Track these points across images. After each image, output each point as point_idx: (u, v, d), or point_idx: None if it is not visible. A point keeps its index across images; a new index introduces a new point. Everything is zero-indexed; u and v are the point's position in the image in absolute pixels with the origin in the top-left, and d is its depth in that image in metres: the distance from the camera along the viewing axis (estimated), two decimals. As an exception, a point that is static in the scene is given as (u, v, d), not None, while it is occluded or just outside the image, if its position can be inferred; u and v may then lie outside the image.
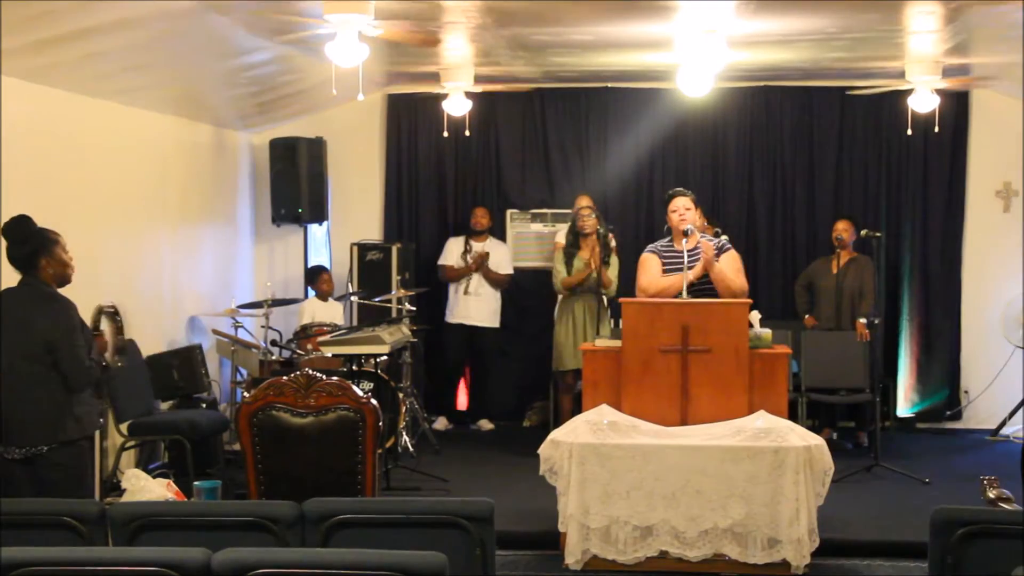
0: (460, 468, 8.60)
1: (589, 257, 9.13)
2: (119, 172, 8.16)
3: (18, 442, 5.37)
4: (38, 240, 5.43)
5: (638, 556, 6.29)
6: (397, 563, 3.53)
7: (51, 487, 5.31)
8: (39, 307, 5.39)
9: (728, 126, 10.48)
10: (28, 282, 5.44)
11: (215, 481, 6.50)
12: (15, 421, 5.37)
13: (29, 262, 5.42)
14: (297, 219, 10.06)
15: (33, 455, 5.37)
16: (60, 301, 5.44)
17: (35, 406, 5.37)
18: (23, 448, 5.37)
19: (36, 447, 5.36)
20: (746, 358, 6.72)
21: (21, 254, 5.42)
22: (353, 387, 5.41)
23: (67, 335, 5.38)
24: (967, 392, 10.42)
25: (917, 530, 5.65)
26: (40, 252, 5.42)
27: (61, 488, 5.30)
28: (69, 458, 5.44)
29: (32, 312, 5.38)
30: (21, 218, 5.45)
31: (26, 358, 5.36)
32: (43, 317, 5.38)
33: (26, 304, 5.39)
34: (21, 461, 5.38)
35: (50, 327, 5.36)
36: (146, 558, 3.65)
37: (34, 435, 5.37)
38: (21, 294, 5.43)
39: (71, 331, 5.41)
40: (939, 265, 10.38)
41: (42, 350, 5.35)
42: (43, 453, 5.37)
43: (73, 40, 6.53)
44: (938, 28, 7.65)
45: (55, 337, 5.35)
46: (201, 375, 8.68)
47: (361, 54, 6.36)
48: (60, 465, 5.39)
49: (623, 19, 7.38)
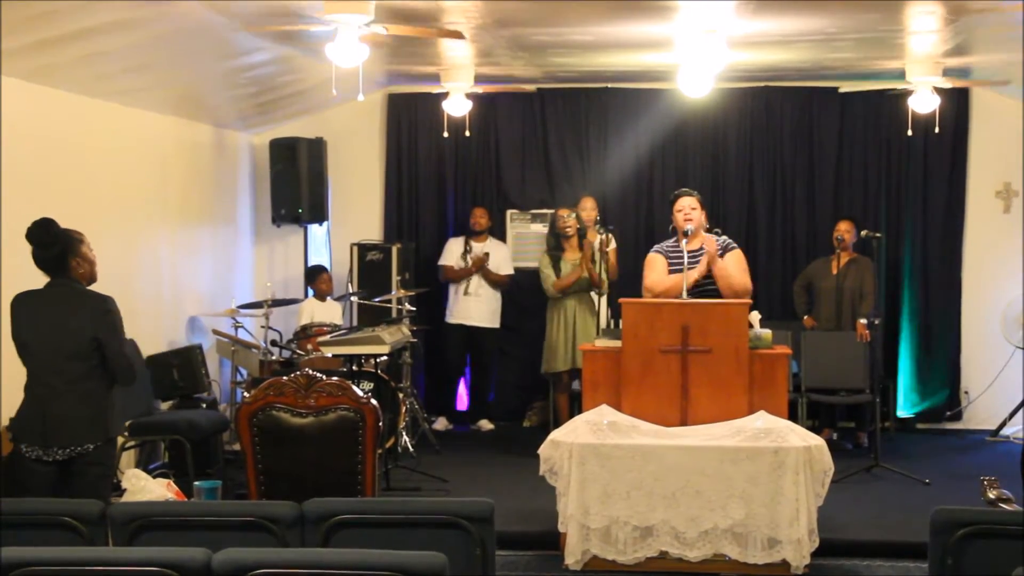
0: (460, 468, 8.59)
1: (577, 258, 9.17)
2: (119, 172, 8.17)
3: (66, 442, 5.33)
4: (65, 241, 5.41)
5: (638, 556, 6.29)
6: (397, 563, 3.53)
7: (88, 486, 5.26)
8: (82, 306, 5.39)
9: (728, 126, 10.48)
10: (61, 283, 5.42)
11: (215, 481, 6.50)
12: (63, 422, 5.34)
13: (59, 264, 5.40)
14: (297, 219, 10.07)
15: (79, 455, 5.35)
16: (102, 298, 5.45)
17: (85, 405, 5.36)
18: (68, 448, 5.33)
19: (83, 446, 5.34)
20: (746, 358, 6.72)
21: (50, 256, 5.39)
22: (353, 387, 5.41)
23: (114, 331, 5.41)
24: (967, 393, 10.42)
25: (917, 531, 5.64)
26: (68, 253, 5.41)
27: (98, 485, 5.31)
28: (107, 456, 5.48)
29: (75, 311, 5.37)
30: (45, 221, 5.42)
31: (72, 358, 5.35)
32: (87, 315, 5.37)
33: (66, 304, 5.39)
34: (58, 463, 5.35)
35: (97, 324, 5.36)
36: (146, 558, 3.65)
37: (85, 434, 5.34)
38: (57, 295, 5.41)
39: (117, 327, 5.44)
40: (939, 266, 10.38)
41: (89, 348, 5.35)
42: (89, 451, 5.35)
43: (73, 40, 6.53)
44: (938, 28, 7.66)
45: (103, 334, 5.36)
46: (201, 375, 8.68)
47: (361, 54, 6.35)
48: (100, 464, 5.40)
49: (623, 19, 7.38)
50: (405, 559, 3.55)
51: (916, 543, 6.14)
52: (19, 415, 5.48)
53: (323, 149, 10.22)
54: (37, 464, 5.35)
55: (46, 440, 5.33)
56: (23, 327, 5.42)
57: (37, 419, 5.36)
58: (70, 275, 5.43)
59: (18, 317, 5.45)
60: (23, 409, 5.46)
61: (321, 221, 10.34)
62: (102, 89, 7.67)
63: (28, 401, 5.45)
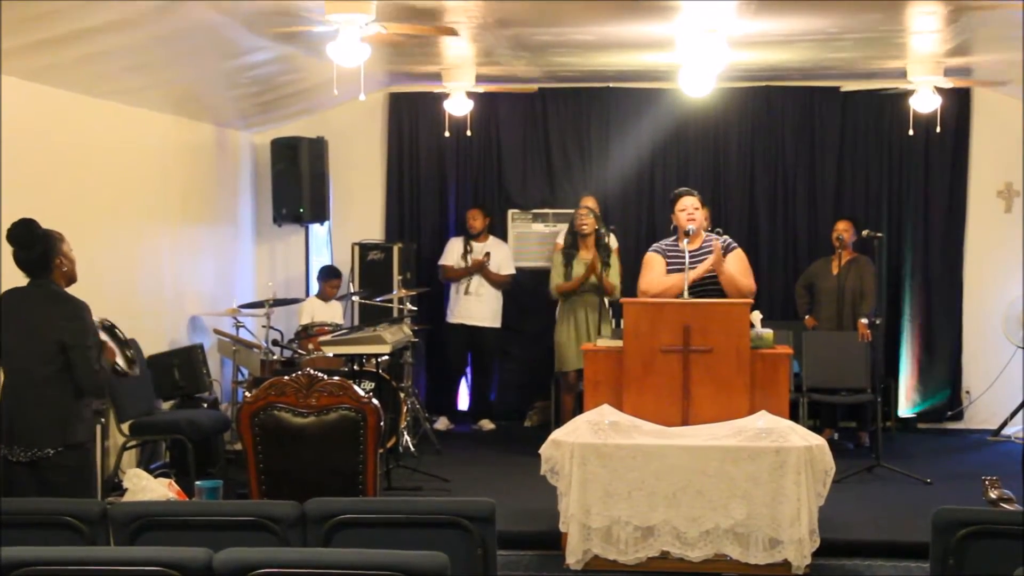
0: (461, 468, 8.59)
1: (591, 259, 9.14)
2: (120, 172, 8.16)
3: (26, 444, 5.32)
4: (47, 242, 5.39)
5: (639, 556, 6.28)
6: (398, 563, 3.53)
7: (55, 490, 5.25)
8: (53, 309, 5.35)
9: (729, 126, 10.48)
10: (39, 284, 5.39)
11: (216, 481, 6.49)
12: (24, 423, 5.32)
13: (40, 265, 5.37)
14: (298, 219, 10.06)
15: (39, 458, 5.32)
16: (74, 302, 5.40)
17: (45, 409, 5.32)
18: (30, 451, 5.31)
19: (43, 450, 5.31)
20: (747, 358, 6.71)
21: (31, 257, 5.36)
22: (354, 387, 5.40)
23: (81, 337, 5.34)
24: (968, 392, 10.42)
25: (918, 530, 5.64)
26: (51, 254, 5.38)
27: (66, 491, 5.24)
28: (75, 461, 5.40)
29: (46, 314, 5.34)
30: (26, 222, 5.40)
31: (37, 360, 5.31)
32: (57, 318, 5.33)
33: (38, 305, 5.35)
34: (26, 464, 5.33)
35: (64, 329, 5.31)
36: (147, 558, 3.64)
37: (42, 438, 5.31)
38: (32, 295, 5.38)
39: (85, 334, 5.37)
40: (940, 265, 10.38)
41: (55, 352, 5.31)
42: (49, 456, 5.32)
43: (74, 40, 6.53)
44: (939, 28, 7.65)
45: (69, 339, 5.30)
46: (202, 375, 8.68)
47: (362, 54, 6.35)
48: (66, 468, 5.35)
49: (625, 19, 7.38)
50: (406, 559, 3.55)
51: (917, 543, 6.14)
52: None
53: (324, 148, 10.22)
54: (10, 464, 5.35)
55: (11, 439, 5.33)
56: (2, 324, 5.38)
57: (6, 418, 5.35)
58: (49, 277, 5.39)
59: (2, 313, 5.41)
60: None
61: (322, 221, 10.34)
62: (103, 88, 7.67)
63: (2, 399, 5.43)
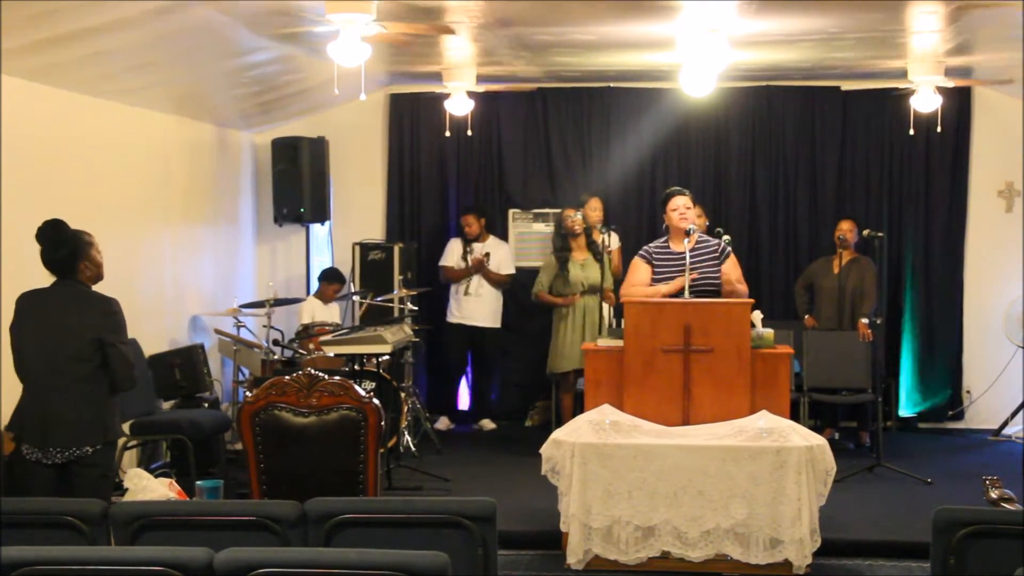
0: (462, 468, 8.59)
1: (585, 258, 9.16)
2: (121, 172, 8.17)
3: (65, 444, 5.32)
4: (75, 243, 5.41)
5: (640, 556, 6.28)
6: (399, 563, 3.53)
7: (88, 488, 5.24)
8: (87, 307, 5.38)
9: (730, 126, 10.47)
10: (67, 284, 5.41)
11: (217, 481, 6.51)
12: (61, 424, 5.32)
13: (67, 265, 5.40)
14: (299, 219, 10.06)
15: (77, 457, 5.33)
16: (107, 300, 5.44)
17: (84, 407, 5.34)
18: (68, 451, 5.32)
19: (81, 448, 5.33)
20: (748, 358, 6.71)
21: (59, 257, 5.39)
22: (355, 387, 5.40)
23: (118, 334, 5.40)
24: (969, 392, 10.42)
25: (919, 530, 5.65)
26: (78, 255, 5.41)
27: (98, 488, 5.28)
28: (107, 459, 5.46)
29: (80, 312, 5.37)
30: (55, 222, 5.42)
31: (72, 359, 5.33)
32: (92, 317, 5.36)
33: (71, 305, 5.38)
34: (55, 466, 5.33)
35: (101, 326, 5.35)
36: (148, 558, 3.65)
37: (82, 436, 5.33)
38: (62, 295, 5.40)
39: (121, 329, 5.43)
40: (941, 265, 10.38)
41: (91, 350, 5.34)
42: (88, 454, 5.34)
43: (74, 40, 6.53)
44: (940, 28, 7.65)
45: (108, 336, 5.35)
46: (203, 375, 8.68)
47: (363, 54, 6.35)
48: (99, 466, 5.39)
49: (625, 19, 7.38)
50: (407, 558, 3.55)
51: (918, 543, 6.14)
52: (19, 415, 5.47)
53: (325, 148, 10.22)
54: (37, 466, 5.34)
55: (45, 441, 5.32)
56: (27, 326, 5.41)
57: (37, 419, 5.34)
58: (76, 277, 5.42)
59: (22, 316, 5.43)
60: (23, 409, 5.45)
61: (323, 220, 10.34)
62: (104, 88, 7.67)
63: (28, 401, 5.44)
